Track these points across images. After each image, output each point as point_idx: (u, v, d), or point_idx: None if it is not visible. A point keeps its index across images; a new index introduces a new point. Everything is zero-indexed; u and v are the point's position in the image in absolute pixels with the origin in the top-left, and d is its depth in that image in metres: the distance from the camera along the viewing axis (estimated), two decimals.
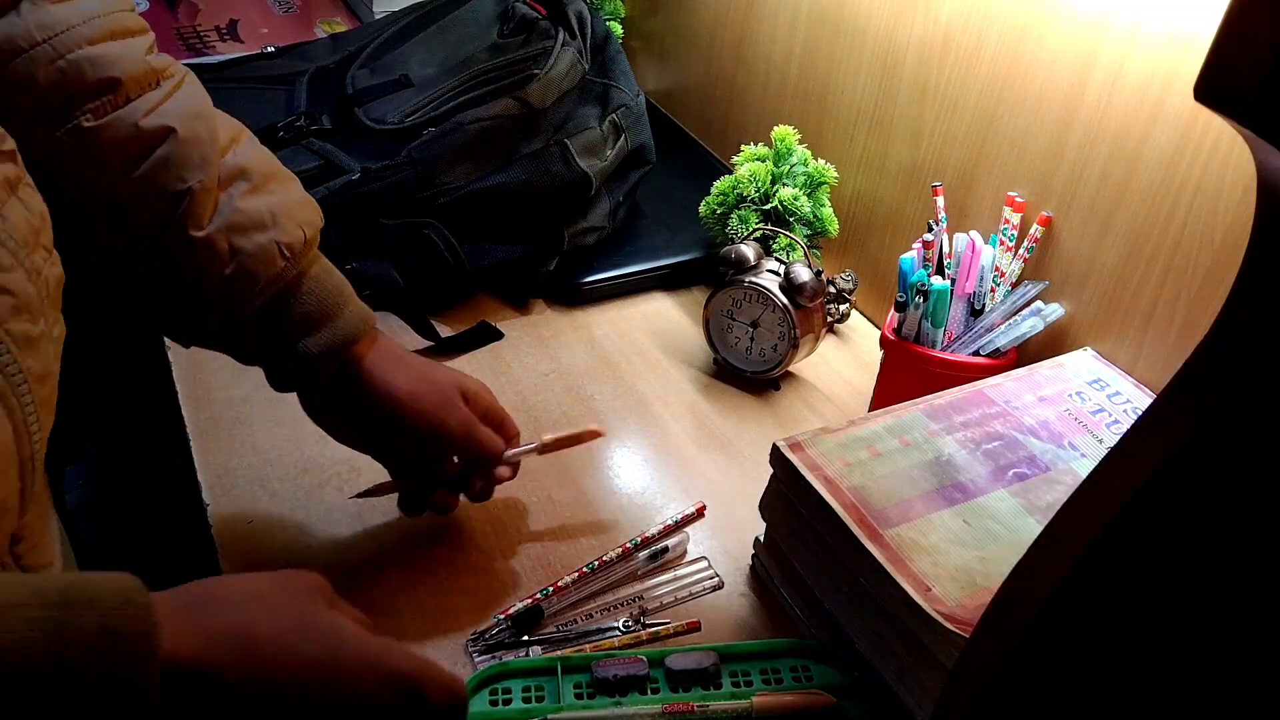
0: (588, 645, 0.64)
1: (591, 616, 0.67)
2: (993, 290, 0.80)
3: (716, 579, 0.70)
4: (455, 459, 0.68)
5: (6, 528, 0.44)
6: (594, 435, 0.72)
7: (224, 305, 0.59)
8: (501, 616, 0.65)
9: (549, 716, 0.58)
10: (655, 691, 0.60)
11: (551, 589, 0.67)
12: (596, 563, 0.69)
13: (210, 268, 0.57)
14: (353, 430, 0.67)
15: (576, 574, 0.68)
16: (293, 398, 0.65)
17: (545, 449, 0.71)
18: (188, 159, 0.56)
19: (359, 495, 0.70)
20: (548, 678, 0.61)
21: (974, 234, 0.81)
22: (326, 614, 0.44)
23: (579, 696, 0.60)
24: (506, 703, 0.59)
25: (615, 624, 0.66)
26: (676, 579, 0.70)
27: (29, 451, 0.44)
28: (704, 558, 0.72)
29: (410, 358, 0.66)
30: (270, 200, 0.59)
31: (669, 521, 0.73)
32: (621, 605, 0.68)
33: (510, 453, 0.70)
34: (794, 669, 0.62)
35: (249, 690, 0.39)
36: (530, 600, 0.66)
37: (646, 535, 0.71)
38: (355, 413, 0.64)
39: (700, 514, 0.74)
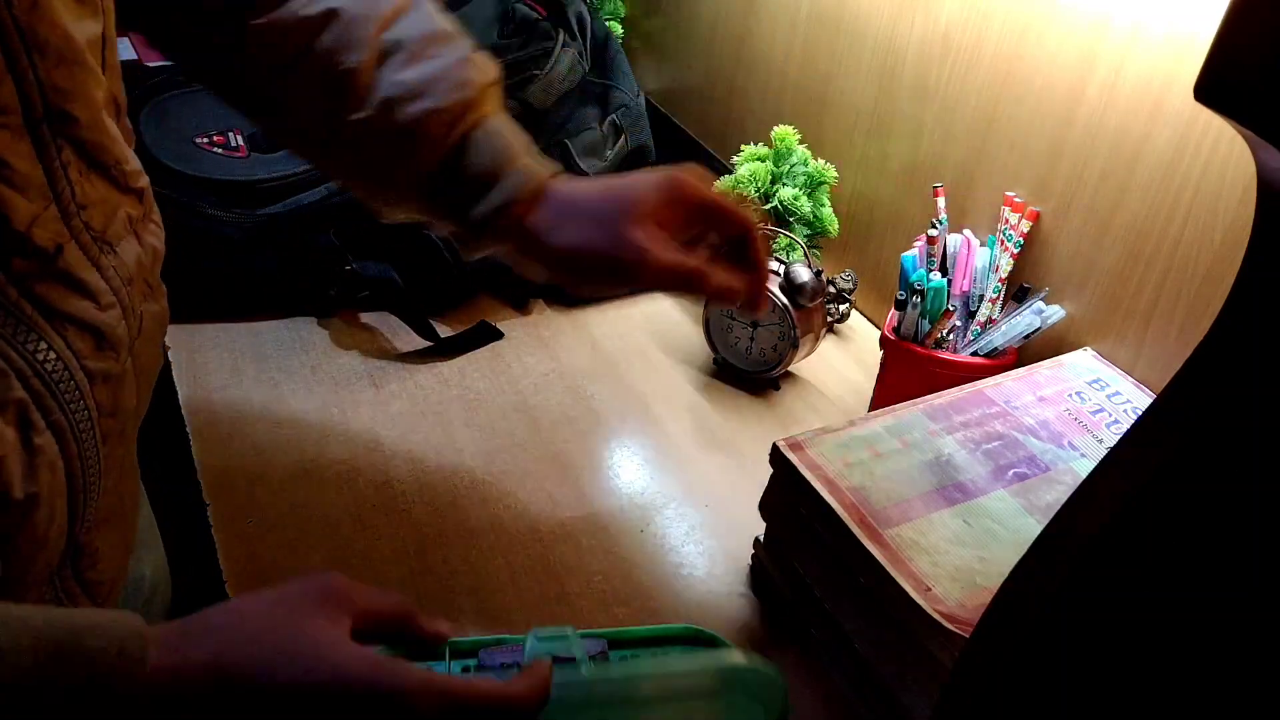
0: None
1: None
2: (992, 295, 0.80)
3: None
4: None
5: (53, 552, 0.45)
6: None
7: (390, 175, 0.59)
8: None
9: None
10: None
11: None
12: None
13: (368, 144, 0.58)
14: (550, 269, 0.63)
15: None
16: (292, 397, 0.65)
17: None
18: (348, 40, 0.56)
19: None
20: (438, 661, 0.60)
21: (967, 232, 0.81)
22: (312, 631, 0.42)
23: None
24: None
25: None
26: None
27: (81, 484, 0.45)
28: None
29: (581, 201, 0.61)
30: (425, 69, 0.58)
31: None
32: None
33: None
34: None
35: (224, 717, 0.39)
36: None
37: None
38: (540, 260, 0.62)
39: None
